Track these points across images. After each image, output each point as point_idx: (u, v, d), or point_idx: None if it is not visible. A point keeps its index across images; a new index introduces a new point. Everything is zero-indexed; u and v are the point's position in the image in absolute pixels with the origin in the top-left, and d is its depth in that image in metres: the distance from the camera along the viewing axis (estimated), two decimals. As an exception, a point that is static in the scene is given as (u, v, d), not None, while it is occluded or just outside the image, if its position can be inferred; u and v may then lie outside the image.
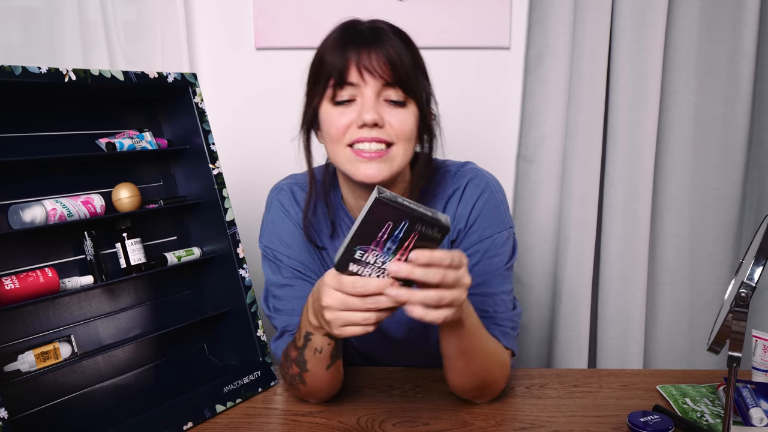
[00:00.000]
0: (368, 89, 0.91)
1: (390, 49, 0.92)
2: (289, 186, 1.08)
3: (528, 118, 1.64)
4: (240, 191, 1.61)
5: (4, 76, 0.84)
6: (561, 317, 1.62)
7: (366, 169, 0.92)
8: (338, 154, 0.95)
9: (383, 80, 0.91)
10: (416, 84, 0.95)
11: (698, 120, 1.59)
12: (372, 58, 0.91)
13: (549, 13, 1.58)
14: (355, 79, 0.92)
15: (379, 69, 0.91)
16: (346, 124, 0.92)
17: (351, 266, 0.74)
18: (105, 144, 1.02)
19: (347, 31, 0.95)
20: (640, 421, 0.88)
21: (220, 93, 1.69)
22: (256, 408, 0.99)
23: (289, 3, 1.63)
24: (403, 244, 0.72)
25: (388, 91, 0.92)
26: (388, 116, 0.92)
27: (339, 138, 0.93)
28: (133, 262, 1.02)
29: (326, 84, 0.94)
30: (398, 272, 0.73)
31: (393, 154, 0.93)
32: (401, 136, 0.93)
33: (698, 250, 1.63)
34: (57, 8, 1.51)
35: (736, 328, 0.74)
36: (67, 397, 0.93)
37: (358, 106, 0.92)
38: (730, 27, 1.52)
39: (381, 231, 0.70)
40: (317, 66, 0.96)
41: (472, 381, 0.95)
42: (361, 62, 0.91)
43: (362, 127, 0.91)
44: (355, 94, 0.93)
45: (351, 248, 0.72)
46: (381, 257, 0.73)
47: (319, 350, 0.89)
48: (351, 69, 0.91)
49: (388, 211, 0.69)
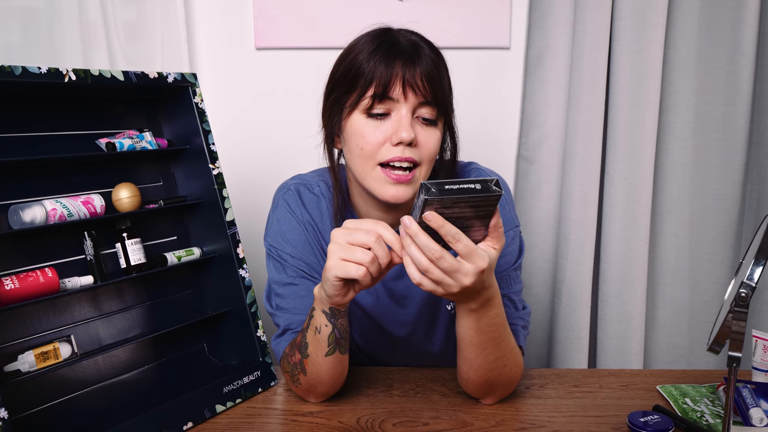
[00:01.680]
0: (406, 106, 0.91)
1: (430, 66, 0.92)
2: (296, 186, 1.08)
3: (528, 118, 1.64)
4: (240, 191, 1.61)
5: (4, 76, 0.84)
6: (561, 317, 1.62)
7: (395, 192, 0.93)
8: (366, 170, 0.94)
9: (423, 99, 0.91)
10: (450, 103, 0.96)
11: (698, 120, 1.59)
12: (417, 75, 0.90)
13: (549, 13, 1.58)
14: (397, 94, 0.91)
15: (422, 87, 0.91)
16: (381, 141, 0.92)
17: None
18: (105, 144, 1.02)
19: (387, 42, 0.93)
20: (640, 421, 0.88)
21: (220, 93, 1.69)
22: (256, 408, 0.99)
23: (289, 3, 1.63)
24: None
25: (423, 109, 0.92)
26: (420, 135, 0.92)
27: (372, 154, 0.93)
28: (133, 262, 1.02)
29: (363, 93, 0.92)
30: (407, 226, 0.75)
31: (416, 177, 0.94)
32: (427, 157, 0.94)
33: (698, 250, 1.63)
34: (57, 8, 1.51)
35: (736, 328, 0.74)
36: (67, 397, 0.93)
37: (393, 122, 0.92)
38: (730, 27, 1.52)
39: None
40: (353, 72, 0.93)
41: (485, 375, 0.93)
42: (407, 78, 0.90)
43: (397, 145, 0.91)
44: (391, 108, 0.92)
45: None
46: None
47: (318, 330, 0.90)
48: (396, 84, 0.90)
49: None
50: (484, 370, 0.92)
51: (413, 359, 1.12)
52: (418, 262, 0.76)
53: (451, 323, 1.06)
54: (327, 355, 0.91)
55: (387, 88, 0.90)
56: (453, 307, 1.05)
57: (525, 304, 1.05)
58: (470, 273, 0.76)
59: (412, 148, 0.92)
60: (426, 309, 1.06)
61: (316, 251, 1.05)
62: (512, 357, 0.94)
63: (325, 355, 0.91)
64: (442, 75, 0.94)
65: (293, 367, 0.96)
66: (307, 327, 0.92)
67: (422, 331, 1.08)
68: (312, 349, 0.92)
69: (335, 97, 0.97)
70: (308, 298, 1.01)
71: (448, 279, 0.76)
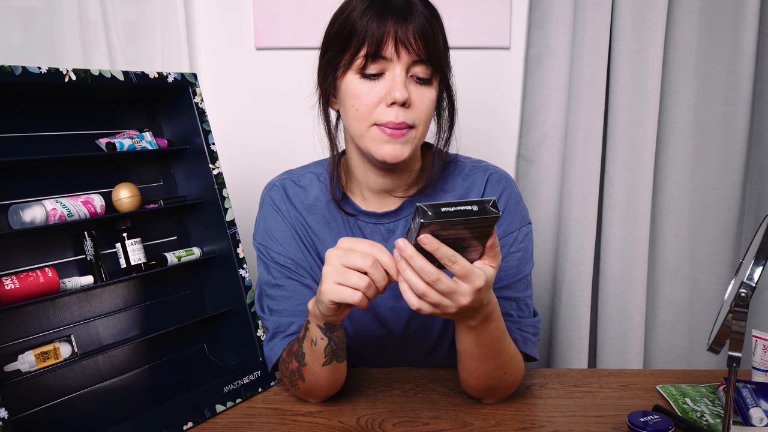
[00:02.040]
0: (400, 65, 0.89)
1: (425, 23, 0.89)
2: (281, 182, 1.08)
3: (528, 118, 1.64)
4: (240, 191, 1.61)
5: (4, 76, 0.84)
6: (561, 317, 1.62)
7: (391, 150, 0.91)
8: (362, 130, 0.93)
9: (417, 57, 0.89)
10: (445, 61, 0.94)
11: (698, 120, 1.59)
12: (409, 32, 0.88)
13: (549, 13, 1.58)
14: (390, 53, 0.89)
15: (415, 45, 0.88)
16: (375, 102, 0.90)
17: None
18: (105, 144, 1.02)
19: (374, 1, 0.91)
20: (640, 421, 0.88)
21: (220, 93, 1.69)
22: (256, 408, 0.99)
23: (289, 3, 1.63)
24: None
25: (417, 67, 0.90)
26: (414, 95, 0.91)
27: (366, 115, 0.91)
28: (133, 262, 1.02)
29: (356, 53, 0.90)
30: (402, 249, 0.73)
31: (412, 136, 0.92)
32: (422, 118, 0.92)
33: (698, 250, 1.63)
34: (57, 8, 1.51)
35: (736, 328, 0.74)
36: (67, 397, 0.93)
37: (387, 82, 0.90)
38: (730, 27, 1.52)
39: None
40: (346, 31, 0.91)
41: (485, 383, 0.94)
42: (399, 36, 0.88)
43: (391, 105, 0.90)
44: (384, 68, 0.90)
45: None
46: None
47: (314, 342, 0.89)
48: (388, 42, 0.88)
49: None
50: (484, 378, 0.93)
51: (407, 353, 1.11)
52: (415, 286, 0.74)
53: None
54: (324, 365, 0.92)
55: (379, 47, 0.88)
56: None
57: (536, 311, 1.04)
58: (467, 293, 0.75)
59: (407, 110, 0.90)
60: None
61: (303, 247, 1.04)
62: (512, 365, 0.94)
63: (323, 365, 0.92)
64: (435, 32, 0.91)
65: (291, 374, 0.97)
66: (303, 337, 0.92)
67: (419, 319, 1.07)
68: (309, 359, 0.92)
69: (329, 57, 0.95)
70: (295, 299, 1.00)
71: (446, 300, 0.75)
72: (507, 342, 0.92)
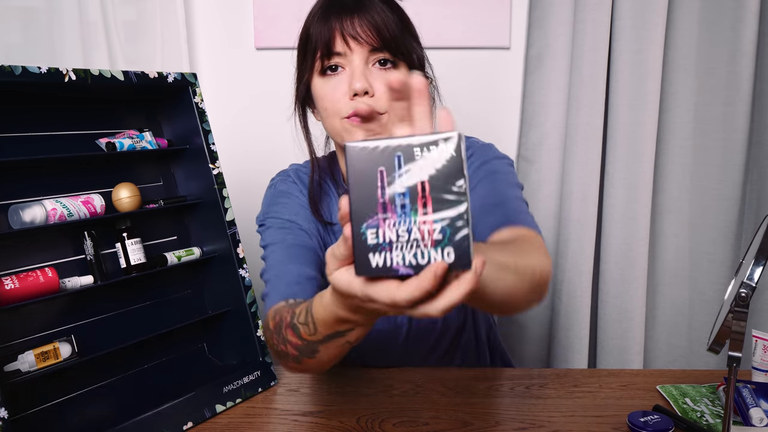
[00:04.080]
0: (356, 57, 0.91)
1: (374, 13, 0.91)
2: (294, 170, 1.11)
3: (528, 118, 1.64)
4: (240, 191, 1.61)
5: (4, 76, 0.84)
6: (561, 317, 1.62)
7: (363, 135, 0.91)
8: (336, 128, 0.94)
9: (369, 46, 0.91)
10: (405, 46, 0.94)
11: (698, 120, 1.59)
12: (356, 24, 0.90)
13: (549, 13, 1.58)
14: (341, 48, 0.91)
15: (364, 35, 0.90)
16: (339, 97, 0.92)
17: (373, 260, 0.50)
18: (105, 144, 1.02)
19: (331, 1, 0.94)
20: (640, 421, 0.88)
21: (220, 93, 1.69)
22: (256, 408, 0.99)
23: (289, 3, 1.63)
24: (415, 189, 0.49)
25: (376, 55, 0.92)
26: (378, 82, 0.91)
27: (335, 112, 0.93)
28: (133, 262, 1.02)
29: (314, 57, 0.93)
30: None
31: (384, 121, 0.92)
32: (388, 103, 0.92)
33: (698, 250, 1.63)
34: (57, 8, 1.51)
35: (736, 328, 0.74)
36: (67, 397, 0.93)
37: (347, 76, 0.92)
38: (730, 27, 1.52)
39: (378, 185, 0.49)
40: (303, 40, 0.96)
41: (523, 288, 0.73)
42: (345, 30, 0.90)
43: (354, 98, 0.91)
44: (343, 63, 0.92)
45: (358, 231, 0.50)
46: (401, 224, 0.50)
47: (352, 341, 0.70)
48: (336, 38, 0.90)
49: (371, 154, 0.49)
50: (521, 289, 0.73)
51: (409, 355, 1.11)
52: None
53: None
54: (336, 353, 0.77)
55: (329, 44, 0.91)
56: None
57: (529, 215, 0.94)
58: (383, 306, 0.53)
59: (373, 99, 0.91)
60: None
61: (316, 221, 1.04)
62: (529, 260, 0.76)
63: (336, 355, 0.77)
64: (387, 19, 0.92)
65: (284, 354, 0.83)
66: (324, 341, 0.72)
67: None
68: (324, 352, 0.76)
69: (299, 70, 0.99)
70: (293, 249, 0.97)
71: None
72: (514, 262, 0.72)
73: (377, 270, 0.49)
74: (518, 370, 1.12)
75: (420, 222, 0.48)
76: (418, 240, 0.48)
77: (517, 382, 1.06)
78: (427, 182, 0.47)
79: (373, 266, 0.49)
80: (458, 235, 0.47)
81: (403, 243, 0.49)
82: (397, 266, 0.49)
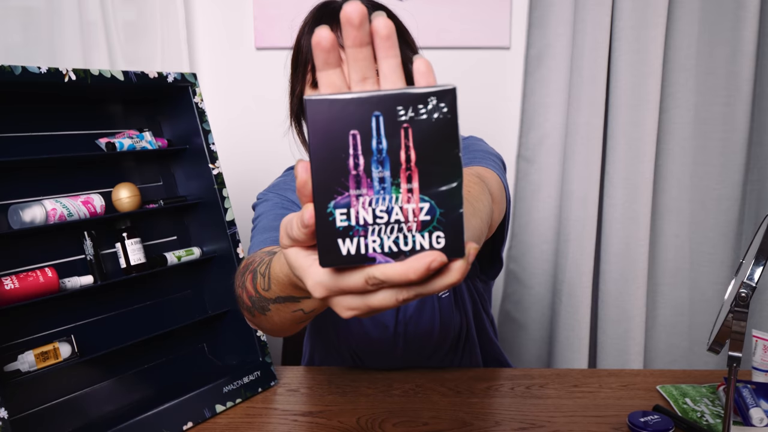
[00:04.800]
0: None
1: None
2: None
3: (528, 118, 1.64)
4: (240, 191, 1.61)
5: (4, 76, 0.84)
6: (561, 317, 1.62)
7: None
8: None
9: None
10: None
11: (698, 120, 1.59)
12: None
13: (549, 13, 1.58)
14: None
15: None
16: None
17: (343, 247, 0.38)
18: (105, 144, 1.02)
19: (321, 12, 0.94)
20: (640, 421, 0.88)
21: (220, 93, 1.69)
22: (256, 408, 0.99)
23: (289, 3, 1.63)
24: (398, 157, 0.38)
25: None
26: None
27: None
28: (133, 262, 1.02)
29: (305, 69, 0.93)
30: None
31: None
32: None
33: (698, 250, 1.63)
34: (57, 8, 1.51)
35: (736, 328, 0.74)
36: (67, 397, 0.93)
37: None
38: (730, 27, 1.52)
39: (350, 151, 0.38)
40: (295, 53, 0.96)
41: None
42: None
43: None
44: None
45: (324, 212, 0.38)
46: (379, 202, 0.38)
47: (307, 311, 0.64)
48: None
49: (340, 112, 0.38)
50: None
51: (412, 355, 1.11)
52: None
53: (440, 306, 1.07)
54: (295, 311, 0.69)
55: None
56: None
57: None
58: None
59: None
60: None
61: None
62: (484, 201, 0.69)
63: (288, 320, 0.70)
64: None
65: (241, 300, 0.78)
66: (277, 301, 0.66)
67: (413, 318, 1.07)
68: (275, 313, 0.68)
69: (292, 83, 0.99)
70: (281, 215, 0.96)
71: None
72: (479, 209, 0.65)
73: (348, 258, 0.38)
74: (518, 370, 1.12)
75: (403, 200, 0.38)
76: (400, 222, 0.38)
77: (517, 382, 1.06)
78: (412, 150, 0.38)
79: (343, 254, 0.38)
80: (450, 217, 0.38)
81: (382, 225, 0.39)
82: (373, 254, 0.38)
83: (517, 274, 1.69)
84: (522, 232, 1.67)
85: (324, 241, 0.38)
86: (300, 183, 0.38)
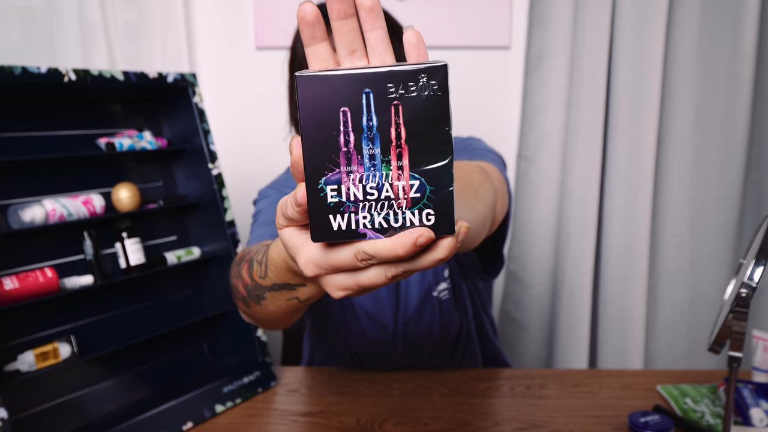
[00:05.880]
0: None
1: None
2: None
3: (528, 118, 1.64)
4: (240, 191, 1.61)
5: (4, 76, 0.84)
6: (561, 317, 1.62)
7: None
8: None
9: None
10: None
11: (698, 120, 1.59)
12: None
13: (549, 13, 1.58)
14: None
15: None
16: None
17: (334, 223, 0.40)
18: (105, 144, 1.02)
19: None
20: (640, 422, 0.88)
21: (220, 93, 1.69)
22: (256, 408, 0.99)
23: (289, 3, 1.63)
24: (389, 134, 0.39)
25: None
26: None
27: None
28: (133, 262, 1.02)
29: None
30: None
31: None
32: None
33: (698, 250, 1.63)
34: (57, 8, 1.51)
35: (737, 328, 0.74)
36: (67, 397, 0.93)
37: None
38: (730, 27, 1.52)
39: (340, 128, 0.39)
40: (291, 58, 0.96)
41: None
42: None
43: None
44: None
45: (315, 188, 0.39)
46: (370, 179, 0.39)
47: (302, 299, 0.64)
48: None
49: (331, 89, 0.38)
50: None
51: (412, 355, 1.12)
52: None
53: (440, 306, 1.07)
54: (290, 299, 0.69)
55: None
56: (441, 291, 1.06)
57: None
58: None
59: None
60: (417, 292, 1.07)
61: None
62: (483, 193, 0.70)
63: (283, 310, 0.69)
64: None
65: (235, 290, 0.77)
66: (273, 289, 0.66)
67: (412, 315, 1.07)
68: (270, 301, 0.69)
69: (290, 91, 1.00)
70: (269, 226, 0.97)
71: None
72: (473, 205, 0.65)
73: (339, 233, 0.40)
74: (518, 370, 1.12)
75: (393, 177, 0.39)
76: (390, 198, 0.39)
77: (517, 383, 1.06)
78: (403, 127, 0.38)
79: (334, 229, 0.40)
80: (440, 194, 0.39)
81: (372, 202, 0.40)
82: (364, 229, 0.40)
83: (517, 274, 1.69)
84: (522, 232, 1.67)
85: (316, 217, 0.39)
86: (294, 158, 0.39)
